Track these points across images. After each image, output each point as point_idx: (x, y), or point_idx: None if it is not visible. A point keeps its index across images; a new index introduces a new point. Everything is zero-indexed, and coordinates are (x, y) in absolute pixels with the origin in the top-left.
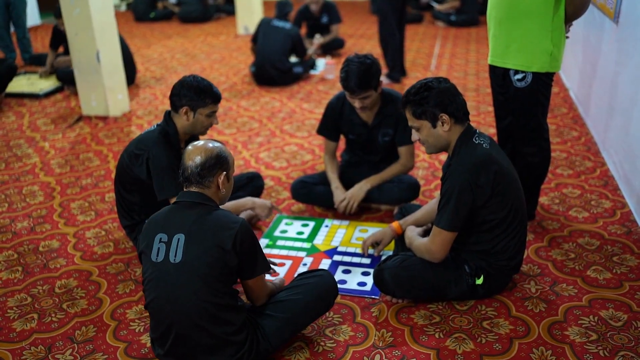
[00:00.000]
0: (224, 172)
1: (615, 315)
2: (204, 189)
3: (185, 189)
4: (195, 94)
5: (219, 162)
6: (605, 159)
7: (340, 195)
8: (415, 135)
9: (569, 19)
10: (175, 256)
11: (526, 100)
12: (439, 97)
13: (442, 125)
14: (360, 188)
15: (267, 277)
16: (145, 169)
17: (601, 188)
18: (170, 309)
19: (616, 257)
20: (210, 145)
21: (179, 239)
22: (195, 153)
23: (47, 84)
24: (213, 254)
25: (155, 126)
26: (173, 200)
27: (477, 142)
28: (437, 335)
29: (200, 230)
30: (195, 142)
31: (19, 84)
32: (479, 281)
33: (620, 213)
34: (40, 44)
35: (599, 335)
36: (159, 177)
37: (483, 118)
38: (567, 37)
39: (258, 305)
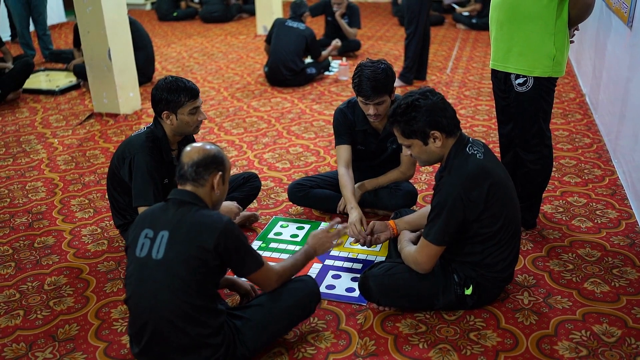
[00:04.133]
0: (220, 173)
1: (609, 330)
2: (198, 188)
3: (179, 187)
4: (170, 95)
5: (215, 162)
6: (615, 167)
7: (355, 215)
8: (406, 151)
9: (572, 23)
10: (157, 252)
11: (527, 105)
12: (429, 115)
13: (434, 141)
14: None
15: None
16: (128, 172)
17: (608, 197)
18: (147, 305)
19: (616, 269)
20: (208, 146)
21: (163, 235)
22: (192, 152)
23: (65, 80)
24: (194, 254)
25: (144, 128)
26: (143, 209)
27: (470, 152)
28: (421, 346)
29: (184, 229)
30: (194, 144)
31: (37, 80)
32: (468, 291)
33: (626, 224)
34: (64, 42)
35: (589, 351)
36: (137, 184)
37: (494, 123)
38: (571, 42)
39: (268, 291)
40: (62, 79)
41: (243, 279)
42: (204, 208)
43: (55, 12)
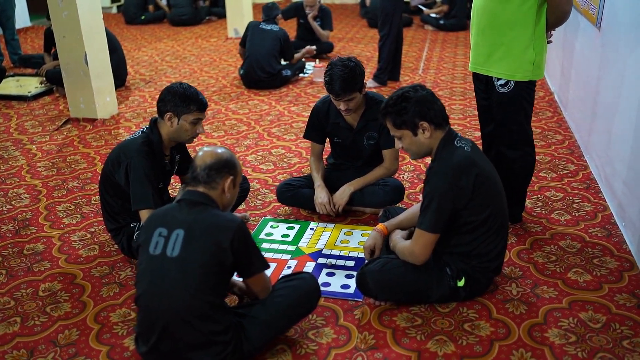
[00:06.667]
0: (231, 177)
1: (594, 317)
2: (210, 190)
3: (191, 189)
4: (180, 100)
5: (227, 166)
6: (587, 162)
7: (321, 193)
8: (397, 144)
9: (550, 27)
10: (172, 250)
11: (509, 106)
12: (418, 106)
13: (423, 132)
14: (344, 191)
15: None
16: (124, 176)
17: (583, 191)
18: (160, 301)
19: (596, 259)
20: (220, 150)
21: (178, 234)
22: (206, 155)
23: (37, 86)
24: (211, 252)
25: (139, 132)
26: (144, 212)
27: (458, 145)
28: (418, 338)
29: (200, 228)
30: (206, 147)
31: (7, 86)
32: (460, 283)
33: (602, 216)
34: (30, 46)
35: (578, 337)
36: (135, 187)
37: (469, 122)
38: (549, 42)
39: (261, 298)
40: (34, 84)
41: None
42: (217, 209)
43: (20, 17)
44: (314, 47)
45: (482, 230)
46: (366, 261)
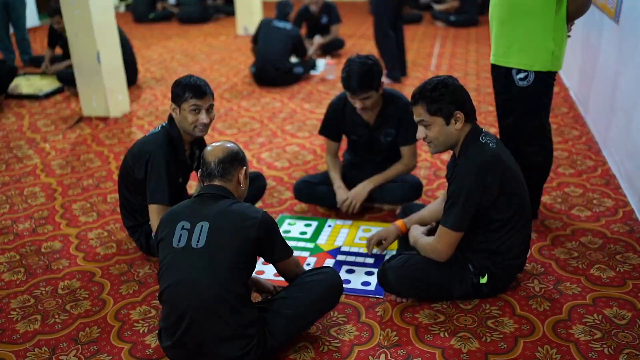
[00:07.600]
0: (244, 168)
1: (619, 313)
2: (226, 183)
3: (208, 183)
4: (176, 88)
5: (238, 157)
6: (606, 158)
7: (343, 194)
8: (421, 133)
9: (570, 18)
10: (198, 242)
11: (529, 99)
12: (456, 95)
13: (455, 123)
14: (363, 188)
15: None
16: (144, 171)
17: (603, 187)
18: (187, 293)
19: (619, 255)
20: (229, 144)
21: (202, 226)
22: (216, 150)
23: (47, 85)
24: (237, 243)
25: (159, 127)
26: (154, 208)
27: (483, 141)
28: (442, 335)
29: (225, 219)
30: (214, 143)
31: (17, 85)
32: (483, 280)
33: (623, 212)
34: (40, 46)
35: (603, 334)
36: (153, 182)
37: (484, 117)
38: (569, 36)
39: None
40: (44, 83)
41: (264, 280)
42: (237, 200)
43: (28, 16)
44: (320, 39)
45: (507, 228)
46: (366, 251)
